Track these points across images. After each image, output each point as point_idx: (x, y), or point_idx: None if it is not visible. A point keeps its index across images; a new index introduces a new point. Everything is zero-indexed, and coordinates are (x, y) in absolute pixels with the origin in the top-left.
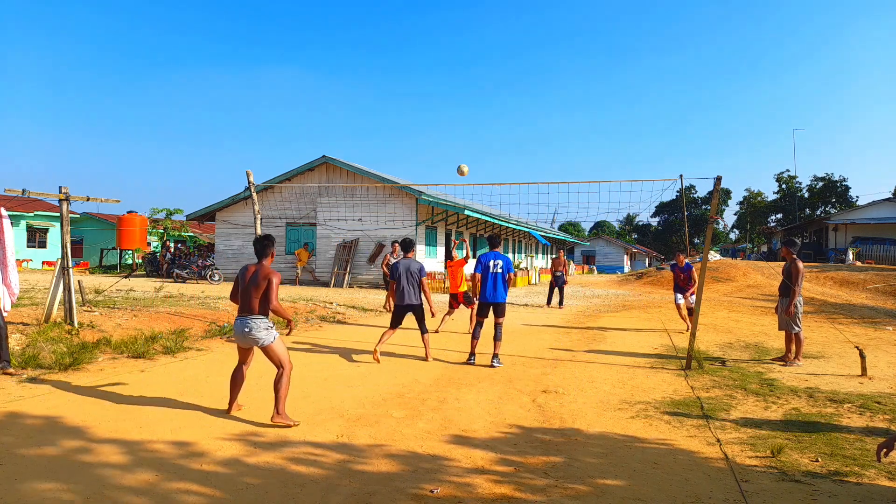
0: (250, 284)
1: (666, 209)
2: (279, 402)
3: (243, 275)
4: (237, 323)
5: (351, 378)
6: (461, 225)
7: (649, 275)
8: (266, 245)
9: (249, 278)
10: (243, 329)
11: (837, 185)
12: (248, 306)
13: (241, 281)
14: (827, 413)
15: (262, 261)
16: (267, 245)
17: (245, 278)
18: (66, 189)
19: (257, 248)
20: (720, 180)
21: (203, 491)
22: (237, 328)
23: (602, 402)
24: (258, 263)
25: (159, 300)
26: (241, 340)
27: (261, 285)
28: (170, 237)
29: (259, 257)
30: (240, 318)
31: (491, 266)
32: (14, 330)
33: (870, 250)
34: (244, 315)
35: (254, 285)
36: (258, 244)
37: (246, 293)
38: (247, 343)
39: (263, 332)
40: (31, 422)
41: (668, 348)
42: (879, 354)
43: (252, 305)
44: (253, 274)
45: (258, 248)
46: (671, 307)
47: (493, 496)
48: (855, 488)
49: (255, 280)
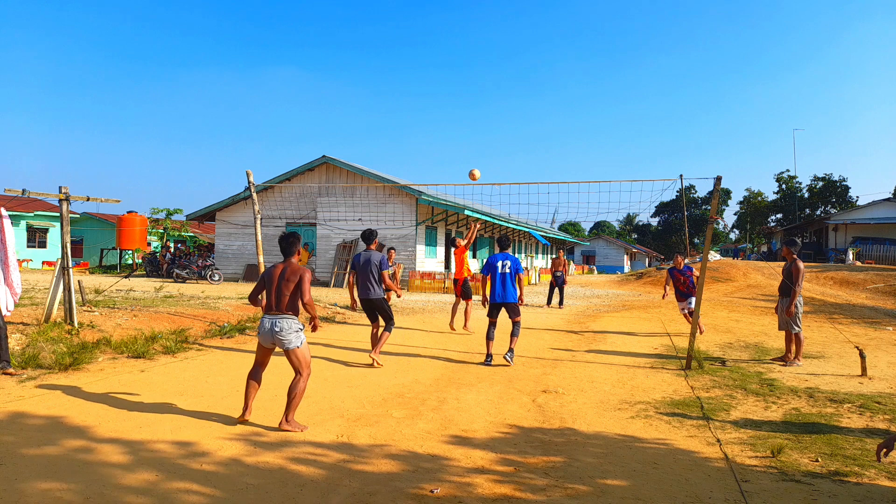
0: (280, 281)
1: (666, 209)
2: (291, 409)
3: (270, 274)
4: (265, 321)
5: (351, 378)
6: (461, 225)
7: (649, 275)
8: (292, 243)
9: (279, 276)
10: (273, 328)
11: (837, 185)
12: (279, 304)
13: (269, 280)
14: (827, 413)
15: (290, 258)
16: (293, 243)
17: (273, 277)
18: (66, 189)
19: (284, 245)
20: (720, 180)
21: (203, 491)
22: (264, 326)
23: (602, 402)
24: (286, 261)
25: (159, 300)
26: (267, 340)
27: (292, 281)
28: (170, 237)
29: (286, 255)
30: (268, 316)
31: (499, 266)
32: (14, 330)
33: (870, 250)
34: (274, 314)
35: (284, 282)
36: (285, 242)
37: (277, 291)
38: (271, 343)
39: (293, 334)
40: (32, 422)
41: (668, 348)
42: (879, 354)
43: (283, 303)
44: (282, 271)
45: (285, 245)
46: (671, 307)
47: (494, 496)
48: (855, 488)
49: (284, 277)
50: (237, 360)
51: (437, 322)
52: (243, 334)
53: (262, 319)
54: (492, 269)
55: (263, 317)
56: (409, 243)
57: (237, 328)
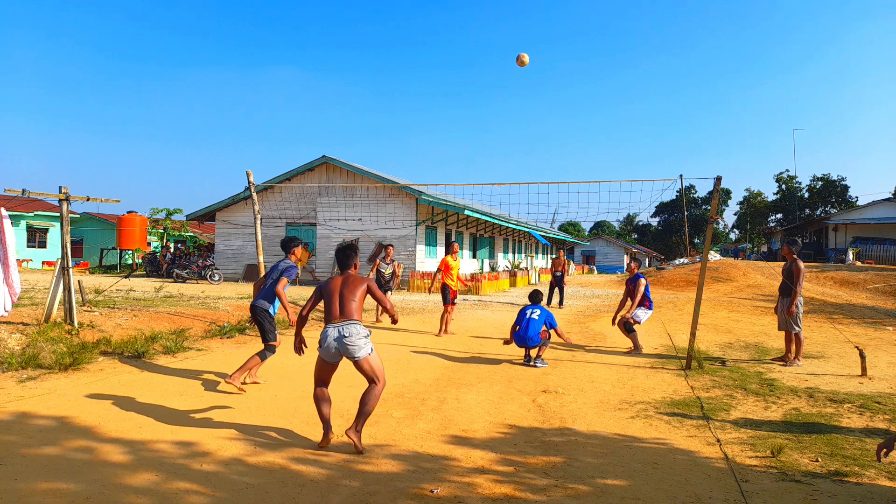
0: (343, 290)
1: (666, 209)
2: (362, 419)
3: (329, 286)
4: (329, 330)
5: (351, 378)
6: (461, 225)
7: (649, 275)
8: (350, 255)
9: (341, 285)
10: (340, 336)
11: (836, 184)
12: (344, 311)
13: (328, 291)
14: (827, 413)
15: (348, 271)
16: (351, 255)
17: (334, 287)
18: (66, 189)
19: (341, 257)
20: (720, 180)
21: (204, 491)
22: (329, 336)
23: (602, 402)
24: (344, 273)
25: (159, 300)
26: (332, 351)
27: (358, 288)
28: (170, 237)
29: (343, 268)
30: (332, 325)
31: (528, 312)
32: (14, 330)
33: (870, 250)
34: (338, 321)
35: (348, 290)
36: (343, 254)
37: (341, 299)
38: (337, 356)
39: (362, 340)
40: (32, 422)
41: (668, 348)
42: (879, 354)
43: (348, 310)
44: (344, 280)
45: (342, 258)
46: (671, 307)
47: (494, 496)
48: (855, 488)
49: (347, 285)
50: (237, 360)
51: (437, 322)
52: (243, 334)
53: (326, 329)
54: (521, 313)
55: (326, 327)
56: (409, 243)
57: (237, 328)
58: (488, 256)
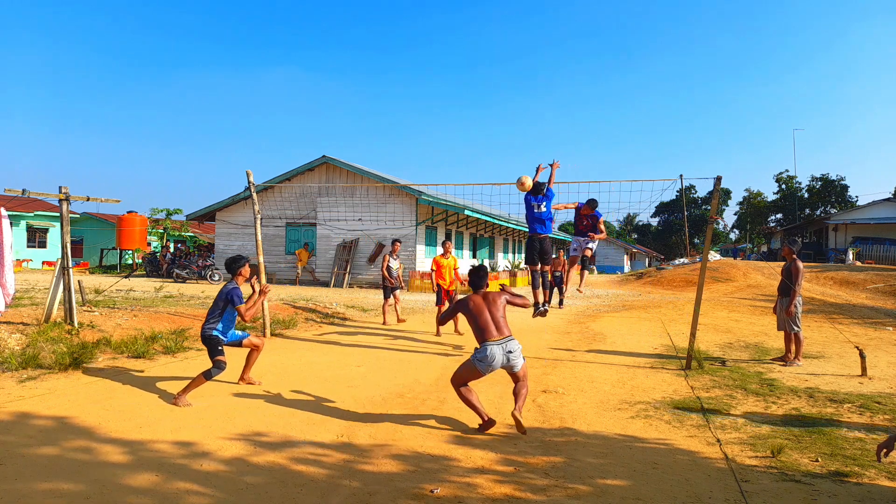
0: (491, 308)
1: (666, 209)
2: (522, 402)
3: (470, 306)
4: (494, 349)
5: (351, 378)
6: (461, 225)
7: (649, 275)
8: (483, 276)
9: (486, 303)
10: (506, 352)
11: (836, 184)
12: (500, 328)
13: (474, 310)
14: (827, 413)
15: (484, 289)
16: (484, 276)
17: (479, 306)
18: (66, 189)
19: (474, 279)
20: (720, 180)
21: (204, 491)
22: (494, 354)
23: (602, 402)
24: (480, 292)
25: (159, 300)
26: (495, 367)
27: (501, 303)
28: (170, 237)
29: (476, 289)
30: (495, 343)
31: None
32: (14, 330)
33: (870, 250)
34: (500, 339)
35: (494, 307)
36: (476, 276)
37: (493, 317)
38: (494, 369)
39: (520, 351)
40: (33, 422)
41: (668, 348)
42: (879, 354)
43: (503, 326)
44: (485, 298)
45: (476, 279)
46: (671, 307)
47: (494, 496)
48: (855, 488)
49: (493, 303)
50: (236, 360)
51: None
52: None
53: (488, 347)
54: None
55: (486, 345)
56: (409, 243)
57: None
58: (488, 256)
